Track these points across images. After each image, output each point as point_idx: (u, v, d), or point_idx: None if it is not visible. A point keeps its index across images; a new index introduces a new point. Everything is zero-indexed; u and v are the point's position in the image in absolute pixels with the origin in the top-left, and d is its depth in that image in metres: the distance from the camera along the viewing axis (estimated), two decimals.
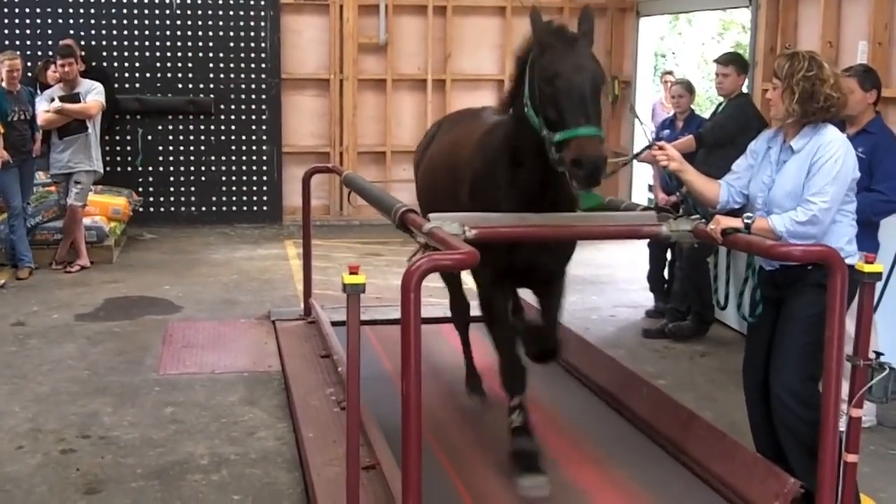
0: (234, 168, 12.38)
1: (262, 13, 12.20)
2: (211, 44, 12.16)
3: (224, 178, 12.38)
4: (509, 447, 4.58)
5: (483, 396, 5.63)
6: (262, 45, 12.26)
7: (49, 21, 11.78)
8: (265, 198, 12.49)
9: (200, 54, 12.15)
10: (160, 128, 12.17)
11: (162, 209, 12.24)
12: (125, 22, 11.95)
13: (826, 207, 4.02)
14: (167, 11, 12.02)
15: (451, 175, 4.80)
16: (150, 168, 12.19)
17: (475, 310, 5.99)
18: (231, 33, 12.18)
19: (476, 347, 5.82)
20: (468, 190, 4.55)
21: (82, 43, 11.44)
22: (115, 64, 11.96)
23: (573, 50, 3.94)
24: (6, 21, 11.71)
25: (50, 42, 11.51)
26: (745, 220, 4.01)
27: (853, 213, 4.25)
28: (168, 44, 12.08)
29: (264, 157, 12.42)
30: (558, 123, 3.85)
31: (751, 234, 4.00)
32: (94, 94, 9.47)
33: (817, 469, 3.77)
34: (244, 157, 12.39)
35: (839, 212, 4.14)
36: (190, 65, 12.15)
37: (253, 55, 12.26)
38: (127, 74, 12.02)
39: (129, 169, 12.06)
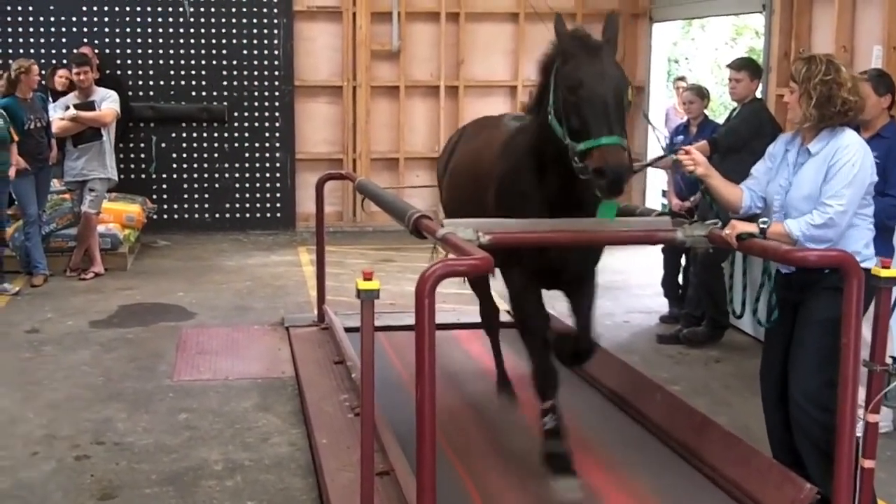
0: (247, 175, 12.41)
1: (276, 21, 12.23)
2: (224, 51, 12.20)
3: (237, 185, 12.41)
4: (541, 449, 4.53)
5: (513, 398, 5.63)
6: (276, 52, 12.29)
7: (63, 29, 11.84)
8: (278, 204, 12.51)
9: (214, 62, 12.19)
10: (174, 135, 12.21)
11: (175, 216, 12.27)
12: (139, 30, 12.00)
13: (842, 210, 4.01)
14: (181, 19, 12.06)
15: (476, 183, 4.81)
16: (164, 175, 12.23)
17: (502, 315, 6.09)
18: (244, 41, 12.21)
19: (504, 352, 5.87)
20: (493, 197, 4.56)
21: (96, 51, 11.51)
22: (129, 72, 12.00)
23: (596, 58, 3.95)
24: (21, 29, 11.78)
25: (64, 50, 11.60)
26: (761, 225, 3.99)
27: (870, 216, 4.24)
28: (182, 51, 12.12)
29: (277, 164, 12.45)
30: (581, 133, 3.86)
31: (766, 238, 3.98)
32: (108, 103, 9.51)
33: (834, 475, 3.75)
34: (257, 164, 12.42)
35: (856, 215, 4.13)
36: (203, 72, 12.19)
37: (266, 62, 12.28)
38: (141, 82, 12.06)
39: (143, 176, 12.11)
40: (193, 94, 12.20)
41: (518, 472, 4.78)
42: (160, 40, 12.07)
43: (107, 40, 11.92)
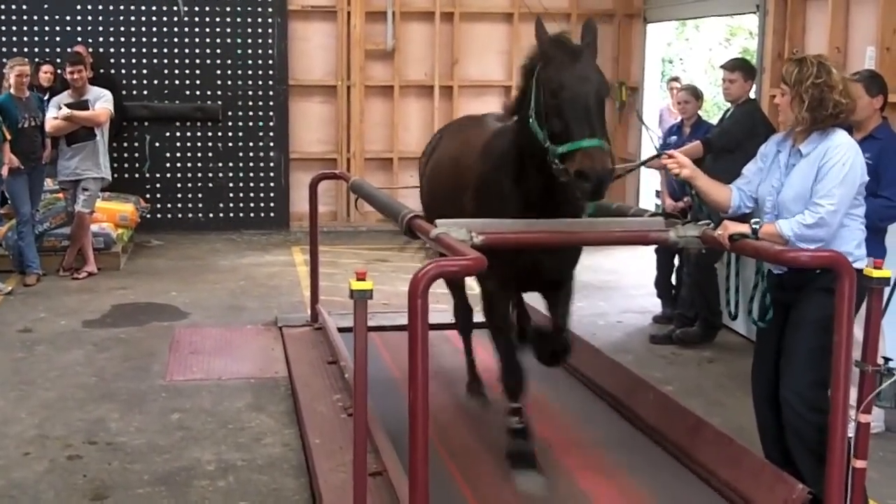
0: (241, 174, 12.41)
1: (270, 20, 12.23)
2: (218, 51, 12.19)
3: (231, 185, 12.41)
4: (506, 447, 4.68)
5: (483, 399, 5.69)
6: (270, 51, 12.28)
7: (57, 28, 11.82)
8: (272, 204, 12.51)
9: (208, 61, 12.18)
10: (168, 134, 12.20)
11: (169, 216, 12.26)
12: (133, 29, 11.99)
13: (833, 210, 4.02)
14: (175, 19, 12.04)
15: (455, 182, 4.81)
16: (158, 175, 12.22)
17: (478, 315, 6.08)
18: (238, 40, 12.21)
19: (479, 351, 5.87)
20: (472, 197, 4.56)
21: (90, 50, 11.49)
22: (123, 71, 11.99)
23: (577, 62, 3.97)
24: (14, 28, 11.76)
25: (58, 49, 11.59)
26: (753, 226, 4.00)
27: (862, 217, 4.25)
28: (176, 51, 12.12)
29: (271, 164, 12.44)
30: (562, 135, 3.87)
31: (758, 239, 3.99)
32: (102, 102, 9.49)
33: (826, 475, 3.76)
34: (251, 164, 12.42)
35: (848, 216, 4.14)
36: (197, 72, 12.18)
37: (260, 62, 12.28)
38: (135, 81, 12.05)
39: (137, 175, 12.11)
40: (187, 93, 12.19)
41: (511, 471, 4.78)
42: (154, 39, 12.06)
43: (101, 39, 11.91)
